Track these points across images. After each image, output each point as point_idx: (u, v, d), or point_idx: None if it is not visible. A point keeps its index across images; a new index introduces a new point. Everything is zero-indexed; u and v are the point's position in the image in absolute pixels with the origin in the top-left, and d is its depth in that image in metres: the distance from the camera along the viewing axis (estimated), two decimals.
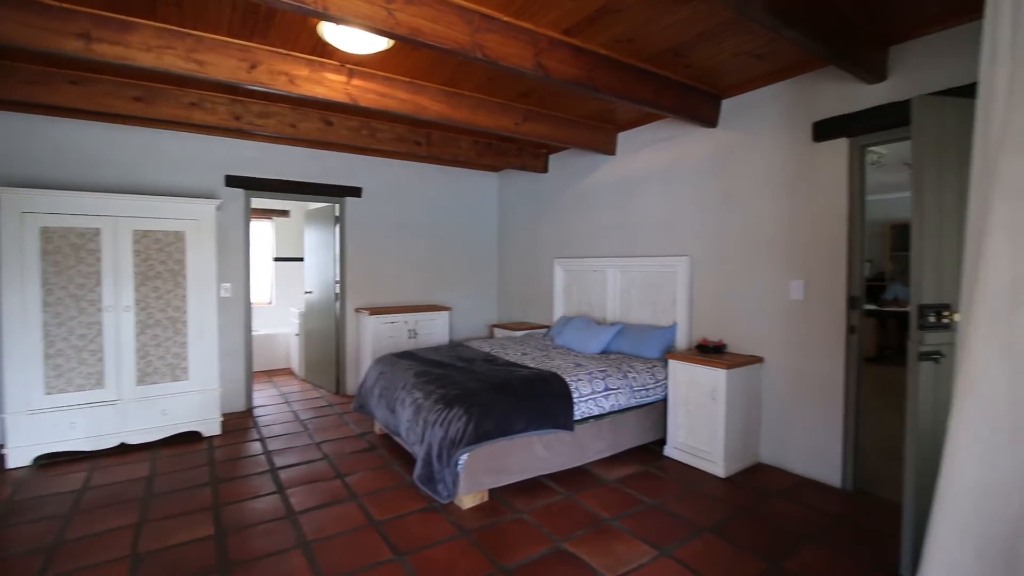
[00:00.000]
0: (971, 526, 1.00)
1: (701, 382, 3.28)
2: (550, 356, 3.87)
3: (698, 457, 3.32)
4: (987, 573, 0.97)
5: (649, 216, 4.31)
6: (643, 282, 4.31)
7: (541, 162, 5.60)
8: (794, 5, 2.29)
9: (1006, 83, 1.00)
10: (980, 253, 0.98)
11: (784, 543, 2.44)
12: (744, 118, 3.60)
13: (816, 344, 3.15)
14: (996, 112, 1.01)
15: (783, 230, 3.33)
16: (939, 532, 1.05)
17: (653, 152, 4.29)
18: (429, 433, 2.82)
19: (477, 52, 2.60)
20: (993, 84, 1.03)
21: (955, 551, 1.02)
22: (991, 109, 1.03)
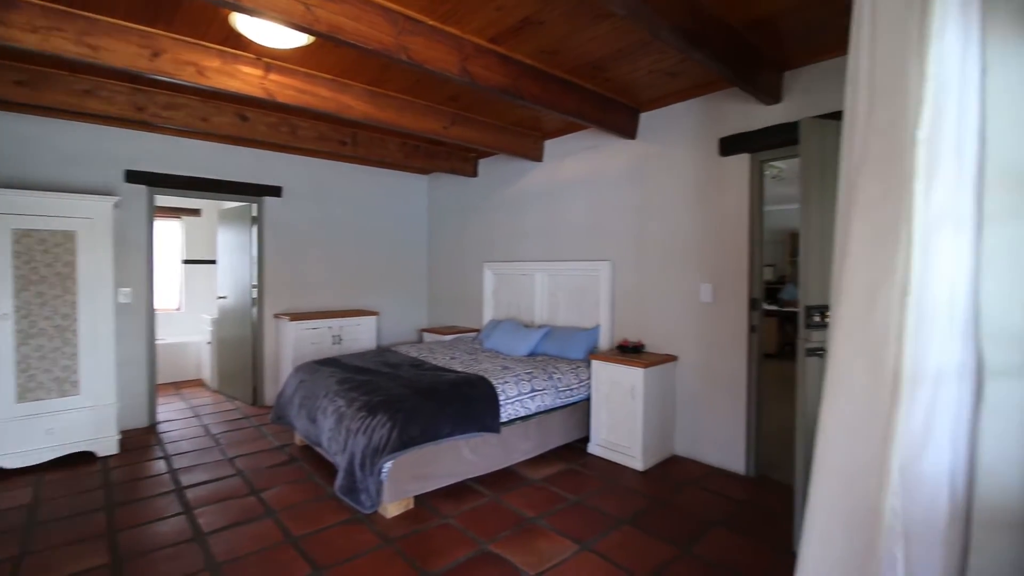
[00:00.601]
0: (838, 502, 1.13)
1: (621, 381, 3.44)
2: (478, 359, 3.89)
3: (619, 453, 3.47)
4: (851, 541, 1.10)
5: (574, 222, 4.46)
6: (569, 285, 4.45)
7: (471, 166, 5.62)
8: (700, 30, 2.47)
9: (865, 112, 1.14)
10: (843, 261, 1.12)
11: (694, 529, 2.61)
12: (660, 131, 3.83)
13: (723, 343, 3.40)
14: (857, 138, 1.16)
15: (695, 237, 3.57)
16: (813, 508, 1.18)
17: (578, 160, 4.45)
18: (351, 442, 2.74)
19: (402, 54, 2.57)
20: (855, 112, 1.18)
21: (827, 524, 1.15)
22: (853, 135, 1.17)
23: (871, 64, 1.11)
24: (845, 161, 1.19)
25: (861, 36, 1.15)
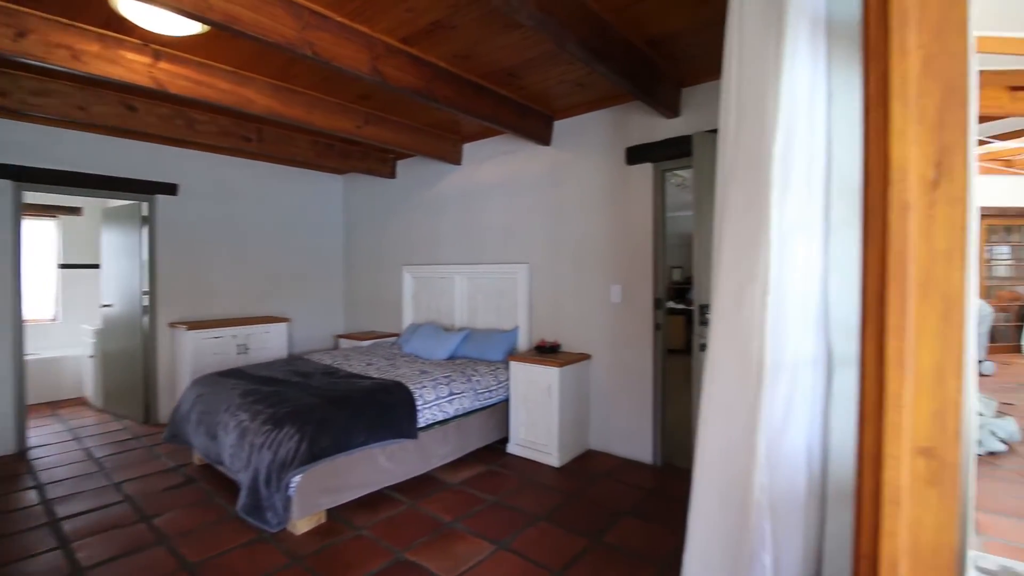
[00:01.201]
0: (716, 481, 1.24)
1: (538, 380, 3.53)
2: (396, 365, 3.82)
3: (537, 451, 3.56)
4: (728, 516, 1.21)
5: (493, 225, 4.51)
6: (488, 288, 4.49)
7: (388, 167, 5.50)
8: (604, 45, 2.60)
9: (733, 130, 1.27)
10: (717, 264, 1.24)
11: (606, 519, 2.73)
12: (573, 139, 3.97)
13: (631, 341, 3.59)
14: (727, 152, 1.28)
15: (605, 241, 3.75)
16: (697, 489, 1.29)
17: (496, 164, 4.50)
18: (255, 457, 2.59)
19: (307, 49, 2.48)
20: (726, 129, 1.30)
21: (708, 502, 1.26)
22: (724, 149, 1.30)
23: (738, 87, 1.24)
24: (719, 173, 1.31)
25: (731, 63, 1.27)
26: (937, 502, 0.54)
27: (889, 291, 0.55)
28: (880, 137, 0.57)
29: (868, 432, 0.58)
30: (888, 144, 0.55)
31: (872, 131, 0.58)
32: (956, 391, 0.52)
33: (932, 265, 0.53)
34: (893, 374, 0.55)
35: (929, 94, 0.54)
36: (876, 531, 0.57)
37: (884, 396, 0.56)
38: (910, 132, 0.54)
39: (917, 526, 0.55)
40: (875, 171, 0.57)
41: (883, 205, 0.56)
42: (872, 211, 0.58)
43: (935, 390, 0.54)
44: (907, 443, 0.55)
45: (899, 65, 0.55)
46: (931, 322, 0.54)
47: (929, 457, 0.54)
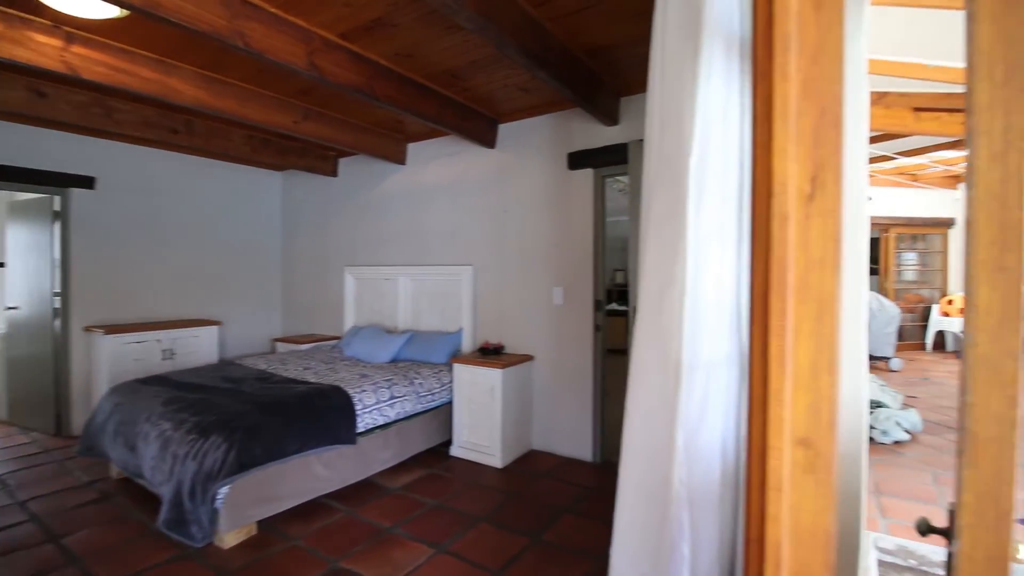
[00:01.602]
0: (641, 479, 1.29)
1: (481, 382, 3.53)
2: (336, 369, 3.71)
3: (480, 452, 3.56)
4: (650, 510, 1.26)
5: (438, 227, 4.47)
6: (433, 290, 4.45)
7: (330, 165, 5.34)
8: (544, 51, 2.65)
9: (657, 140, 1.32)
10: (642, 268, 1.29)
11: (546, 517, 2.77)
12: (517, 142, 4.01)
13: (573, 341, 3.67)
14: (652, 162, 1.34)
15: (548, 243, 3.81)
16: (623, 484, 1.33)
17: (441, 165, 4.47)
18: (179, 469, 2.44)
19: (238, 40, 2.37)
20: (651, 139, 1.36)
21: (632, 497, 1.31)
22: (649, 159, 1.35)
23: (661, 100, 1.30)
24: (644, 182, 1.37)
25: (655, 76, 1.33)
26: (814, 488, 0.58)
27: (771, 295, 0.59)
28: (764, 153, 0.61)
29: (755, 425, 0.62)
30: (771, 160, 0.59)
31: (758, 147, 0.63)
32: (829, 386, 0.57)
33: (808, 271, 0.58)
34: (775, 371, 0.59)
35: (806, 114, 0.59)
36: (762, 517, 0.61)
37: (767, 392, 0.60)
38: (790, 149, 0.59)
39: (797, 510, 0.59)
40: (760, 184, 0.62)
41: (766, 216, 0.60)
42: (758, 221, 0.62)
43: (811, 385, 0.58)
44: (788, 434, 0.59)
45: (781, 87, 0.59)
46: (807, 323, 0.58)
47: (807, 447, 0.59)
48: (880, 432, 3.83)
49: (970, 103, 0.50)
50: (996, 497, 0.49)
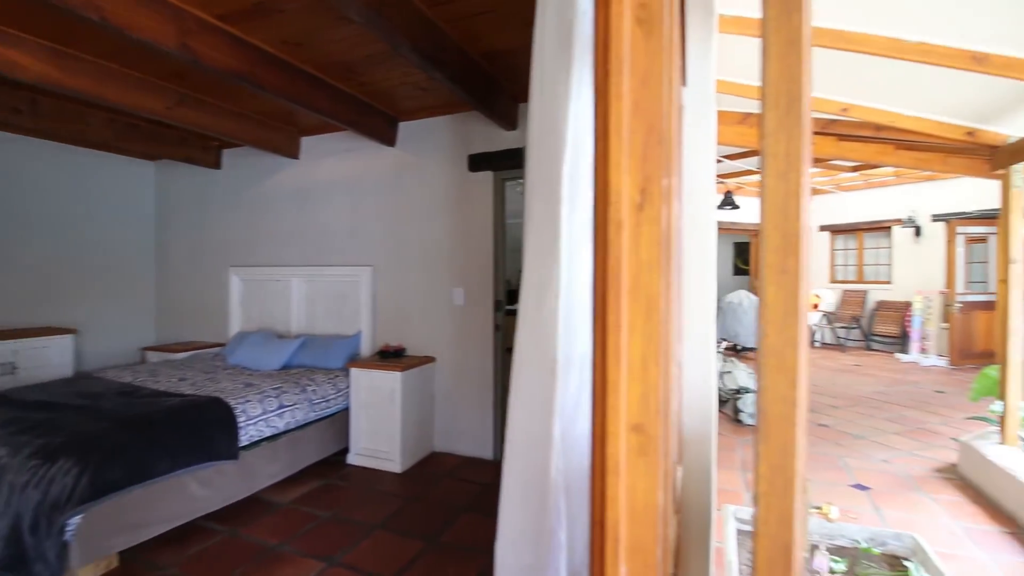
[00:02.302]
0: (523, 471, 1.34)
1: (380, 386, 3.44)
2: (216, 379, 3.42)
3: (379, 459, 3.46)
4: (531, 501, 1.31)
5: (335, 225, 4.29)
6: (329, 292, 4.25)
7: (212, 156, 4.91)
8: (439, 52, 2.64)
9: (536, 146, 1.38)
10: (524, 269, 1.34)
11: (445, 518, 2.77)
12: (418, 142, 3.96)
13: (474, 342, 3.70)
14: (532, 166, 1.39)
15: (449, 244, 3.80)
16: (506, 476, 1.37)
17: (338, 161, 4.29)
18: (17, 500, 2.11)
19: (91, 12, 2.11)
20: (531, 146, 1.41)
21: (515, 490, 1.35)
22: (530, 164, 1.41)
23: (540, 109, 1.36)
24: (526, 186, 1.42)
25: (535, 85, 1.39)
26: (645, 469, 0.64)
27: (608, 295, 0.65)
28: (603, 165, 0.66)
29: (596, 414, 0.67)
30: (608, 171, 0.65)
31: (598, 160, 0.68)
32: (656, 376, 0.64)
33: (639, 273, 0.64)
34: (612, 365, 0.65)
35: (637, 131, 0.64)
36: (603, 499, 0.66)
37: (606, 383, 0.65)
38: (623, 162, 0.64)
39: (632, 491, 0.65)
40: (600, 194, 0.67)
41: (604, 223, 0.65)
42: (598, 228, 0.67)
43: (641, 376, 0.64)
44: (623, 422, 0.65)
45: (615, 106, 0.65)
46: (639, 320, 0.64)
47: (639, 432, 0.65)
48: (748, 415, 4.30)
49: (761, 129, 0.59)
50: (783, 468, 0.58)
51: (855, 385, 5.98)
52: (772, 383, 0.57)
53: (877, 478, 3.30)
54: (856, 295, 8.68)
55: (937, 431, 4.20)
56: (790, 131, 0.56)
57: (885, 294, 8.31)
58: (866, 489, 3.13)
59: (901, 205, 7.99)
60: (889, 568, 1.92)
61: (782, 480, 0.58)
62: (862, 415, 4.72)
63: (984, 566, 2.34)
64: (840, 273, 9.22)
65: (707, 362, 1.17)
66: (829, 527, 2.21)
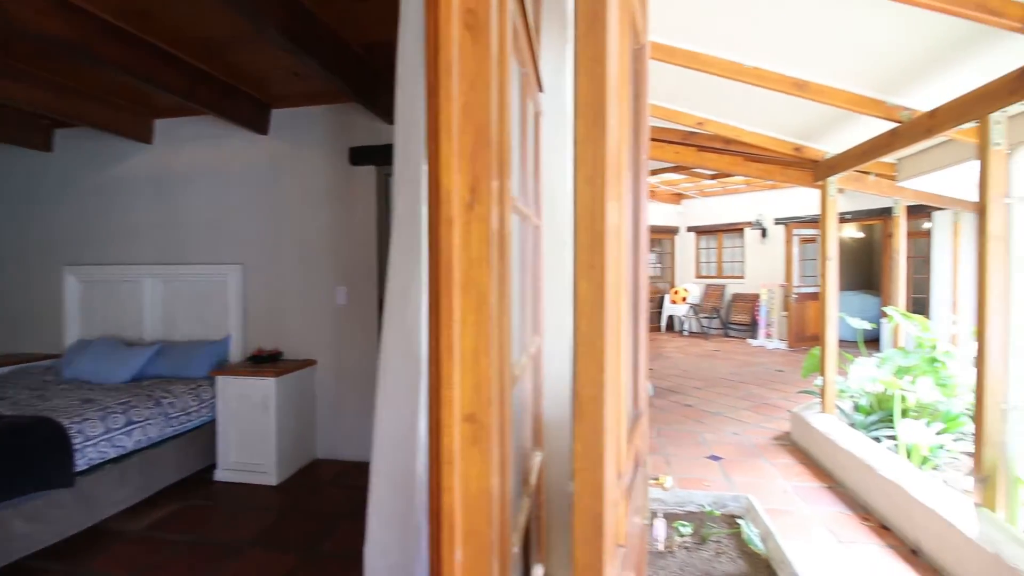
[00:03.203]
0: (390, 471, 1.33)
1: (252, 394, 3.19)
2: (47, 396, 2.94)
3: (252, 472, 3.21)
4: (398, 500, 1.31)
5: (197, 219, 3.88)
6: (191, 293, 3.84)
7: (42, 137, 4.19)
8: (312, 38, 2.51)
9: (401, 143, 1.37)
10: (390, 268, 1.32)
11: (324, 528, 2.65)
12: (294, 132, 3.72)
13: (357, 342, 3.57)
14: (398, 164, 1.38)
15: (329, 241, 3.63)
16: (374, 478, 1.36)
17: (201, 148, 3.89)
18: None
19: None
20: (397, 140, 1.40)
21: (381, 489, 1.35)
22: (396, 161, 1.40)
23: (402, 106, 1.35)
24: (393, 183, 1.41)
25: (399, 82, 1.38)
26: (479, 457, 0.67)
27: (441, 290, 0.67)
28: (435, 164, 0.68)
29: (432, 406, 0.69)
30: (439, 171, 0.67)
31: (431, 159, 0.70)
32: (487, 367, 0.67)
33: (470, 269, 0.67)
34: (445, 357, 0.67)
35: (466, 133, 0.67)
36: (439, 488, 0.68)
37: (440, 375, 0.67)
38: (453, 162, 0.67)
39: (467, 479, 0.68)
40: (432, 192, 0.69)
41: (436, 220, 0.67)
42: (431, 225, 0.69)
43: (473, 367, 0.67)
44: (457, 413, 0.67)
45: (446, 107, 0.67)
46: (470, 314, 0.67)
47: (472, 422, 0.67)
48: None
49: (574, 137, 0.64)
50: (594, 444, 0.64)
51: (715, 368, 6.72)
52: (584, 368, 0.63)
53: (728, 449, 3.74)
54: (716, 289, 9.76)
55: (777, 405, 4.87)
56: (596, 140, 0.62)
57: (739, 287, 9.44)
58: (719, 459, 3.55)
59: (751, 210, 9.13)
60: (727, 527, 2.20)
61: (594, 456, 0.64)
62: (719, 394, 5.32)
63: (806, 516, 2.76)
64: (704, 269, 10.29)
65: (566, 353, 1.25)
66: (681, 495, 2.48)
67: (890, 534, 2.58)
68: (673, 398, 5.19)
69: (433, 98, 0.69)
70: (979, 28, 1.95)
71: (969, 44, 2.20)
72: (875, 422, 3.50)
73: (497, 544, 0.70)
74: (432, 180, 0.69)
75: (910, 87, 2.66)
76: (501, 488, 0.72)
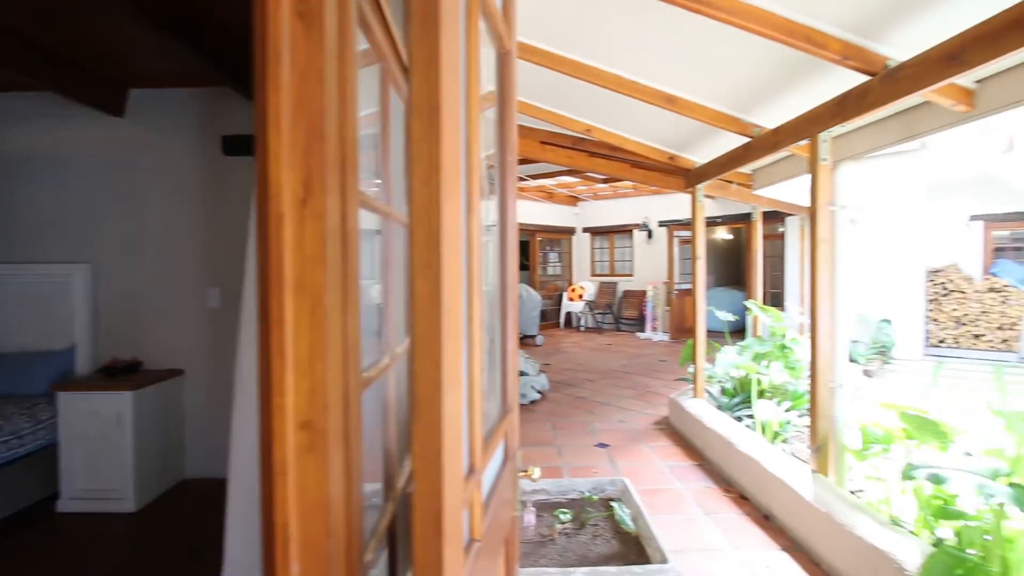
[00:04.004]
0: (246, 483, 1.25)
1: (103, 411, 2.81)
2: None
3: (104, 500, 2.83)
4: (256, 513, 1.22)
5: (33, 212, 3.33)
6: (25, 296, 3.29)
7: None
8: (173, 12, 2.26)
9: None
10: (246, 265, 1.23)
11: (190, 555, 2.41)
12: (157, 115, 3.33)
13: (233, 349, 3.28)
14: None
15: (199, 237, 3.30)
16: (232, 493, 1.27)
17: (36, 129, 3.34)
18: None
19: None
20: None
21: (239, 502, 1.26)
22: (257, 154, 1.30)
23: None
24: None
25: None
26: (316, 466, 0.65)
27: (271, 291, 0.63)
28: (263, 158, 0.64)
29: (264, 414, 0.65)
30: (267, 164, 0.63)
31: (259, 152, 0.65)
32: (323, 371, 0.64)
33: (303, 268, 0.64)
34: (276, 362, 0.63)
35: (299, 127, 0.64)
36: (272, 500, 0.64)
37: (271, 381, 0.63)
38: (284, 156, 0.63)
39: (302, 489, 0.65)
40: (261, 187, 0.65)
41: (265, 216, 0.63)
42: (260, 221, 0.65)
43: (309, 373, 0.64)
44: (291, 420, 0.64)
45: (274, 98, 0.63)
46: (304, 316, 0.64)
47: (308, 429, 0.64)
48: (520, 396, 4.76)
49: (408, 136, 0.64)
50: (433, 444, 0.64)
51: (607, 361, 7.12)
52: (421, 368, 0.63)
53: (615, 436, 3.98)
54: (609, 286, 10.35)
55: (659, 392, 5.27)
56: (431, 140, 0.62)
57: (629, 285, 10.10)
58: (606, 447, 3.76)
59: (639, 212, 9.80)
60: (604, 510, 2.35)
61: (432, 455, 0.64)
62: (610, 385, 5.65)
63: (679, 492, 3.02)
64: (598, 268, 10.87)
65: None
66: (564, 483, 2.59)
67: (748, 503, 2.91)
68: (568, 391, 5.42)
69: (261, 89, 0.65)
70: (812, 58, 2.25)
71: (806, 72, 2.52)
72: (738, 403, 3.92)
73: (342, 554, 0.68)
74: (261, 175, 0.65)
75: (761, 107, 3.01)
76: (346, 496, 0.70)
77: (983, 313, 6.67)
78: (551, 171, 7.24)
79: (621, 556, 1.99)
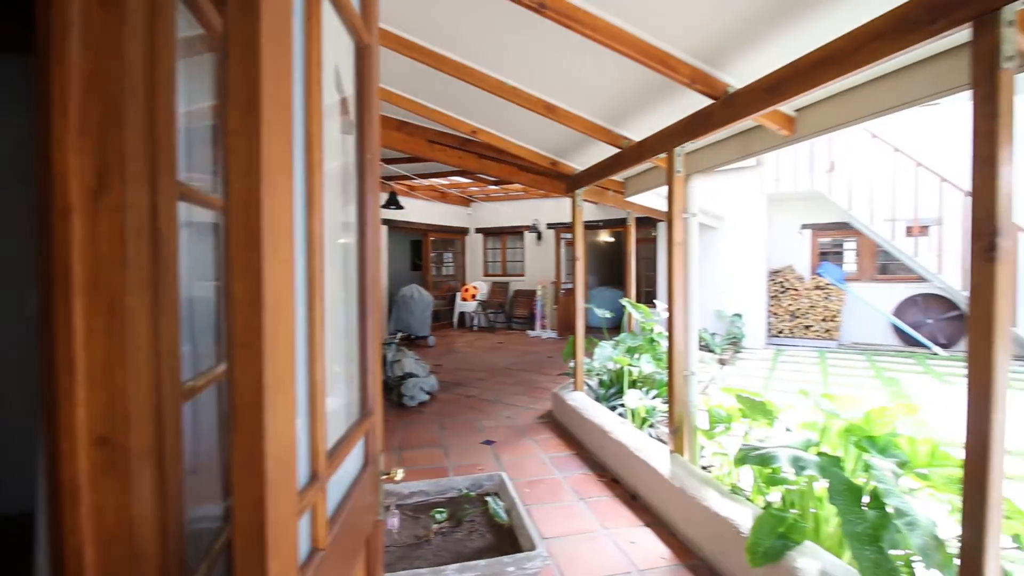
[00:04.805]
0: None
1: None
2: None
3: None
4: None
5: None
6: None
7: None
8: None
9: None
10: None
11: None
12: None
13: None
14: None
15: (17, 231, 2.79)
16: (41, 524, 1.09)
17: None
18: None
19: None
20: None
21: None
22: None
23: None
24: None
25: None
26: (116, 485, 0.58)
27: (55, 292, 0.56)
28: (45, 143, 0.57)
29: (48, 431, 0.58)
30: (50, 148, 0.56)
31: (40, 136, 0.58)
32: (123, 381, 0.58)
33: (99, 267, 0.57)
34: (63, 371, 0.56)
35: (92, 108, 0.57)
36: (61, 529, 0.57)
37: (57, 393, 0.56)
38: (70, 141, 0.56)
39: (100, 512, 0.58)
40: (42, 177, 0.57)
41: (48, 208, 0.56)
42: (43, 216, 0.57)
43: (105, 383, 0.58)
44: (83, 436, 0.57)
45: (60, 73, 0.56)
46: (100, 320, 0.57)
47: (106, 445, 0.58)
48: (409, 398, 4.68)
49: (226, 127, 0.61)
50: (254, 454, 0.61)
51: (498, 359, 7.26)
52: (241, 374, 0.60)
53: (501, 432, 4.08)
54: (501, 286, 10.56)
55: (545, 387, 5.48)
56: (250, 132, 0.59)
57: (520, 284, 10.39)
58: (492, 443, 3.84)
59: (529, 215, 10.11)
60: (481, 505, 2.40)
61: (254, 466, 0.61)
62: (499, 383, 5.77)
63: (558, 482, 3.17)
64: (491, 268, 11.04)
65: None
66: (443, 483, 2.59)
67: (619, 486, 3.14)
68: (458, 390, 5.43)
69: (45, 63, 0.57)
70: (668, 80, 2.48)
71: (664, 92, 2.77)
72: (613, 394, 4.21)
73: None
74: (42, 163, 0.58)
75: (630, 120, 3.25)
76: (160, 517, 0.64)
77: (811, 307, 7.86)
78: (443, 171, 7.20)
79: (495, 549, 2.05)
